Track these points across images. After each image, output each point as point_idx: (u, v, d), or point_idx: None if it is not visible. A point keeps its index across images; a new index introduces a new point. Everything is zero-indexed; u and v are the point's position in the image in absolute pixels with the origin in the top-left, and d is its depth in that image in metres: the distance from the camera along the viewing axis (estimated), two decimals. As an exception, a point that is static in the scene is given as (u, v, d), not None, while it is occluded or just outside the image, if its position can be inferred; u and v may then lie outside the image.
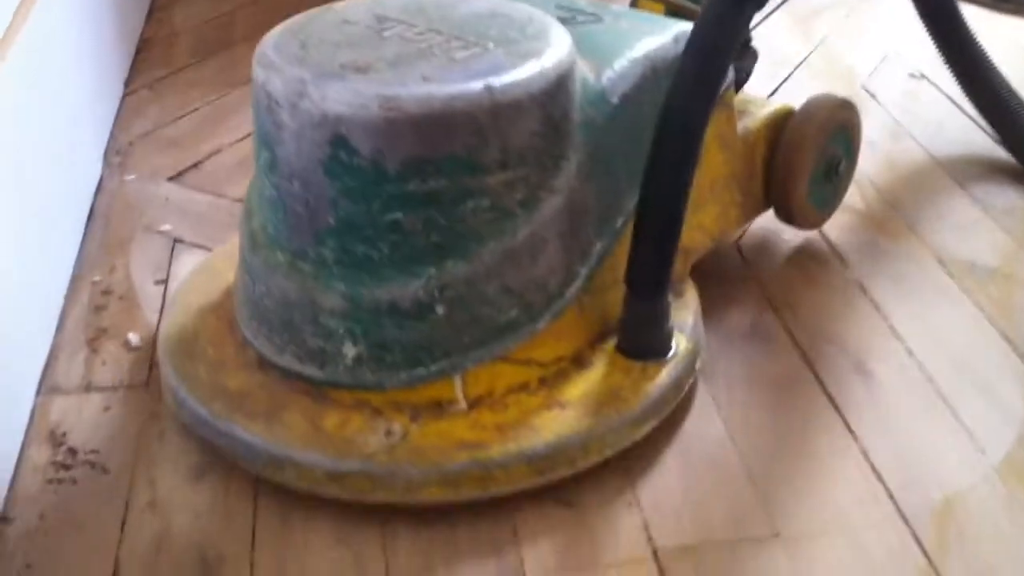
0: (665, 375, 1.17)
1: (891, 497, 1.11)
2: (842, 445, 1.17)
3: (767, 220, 1.53)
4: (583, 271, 1.16)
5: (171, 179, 1.64)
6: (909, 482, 1.12)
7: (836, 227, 1.52)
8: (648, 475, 1.14)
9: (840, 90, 1.52)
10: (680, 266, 1.27)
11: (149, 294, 1.41)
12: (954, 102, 1.82)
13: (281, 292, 1.13)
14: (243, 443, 1.10)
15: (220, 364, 1.19)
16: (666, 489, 1.12)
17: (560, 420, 1.11)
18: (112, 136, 1.75)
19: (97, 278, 1.43)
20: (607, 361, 1.18)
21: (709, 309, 1.36)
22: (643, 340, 1.19)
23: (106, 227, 1.54)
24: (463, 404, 1.12)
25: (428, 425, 1.10)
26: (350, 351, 1.09)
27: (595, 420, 1.12)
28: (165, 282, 1.43)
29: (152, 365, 1.29)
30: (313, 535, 1.07)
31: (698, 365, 1.23)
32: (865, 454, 1.16)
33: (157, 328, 1.34)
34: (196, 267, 1.38)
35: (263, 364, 1.17)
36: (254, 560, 1.05)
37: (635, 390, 1.15)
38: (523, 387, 1.14)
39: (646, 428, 1.15)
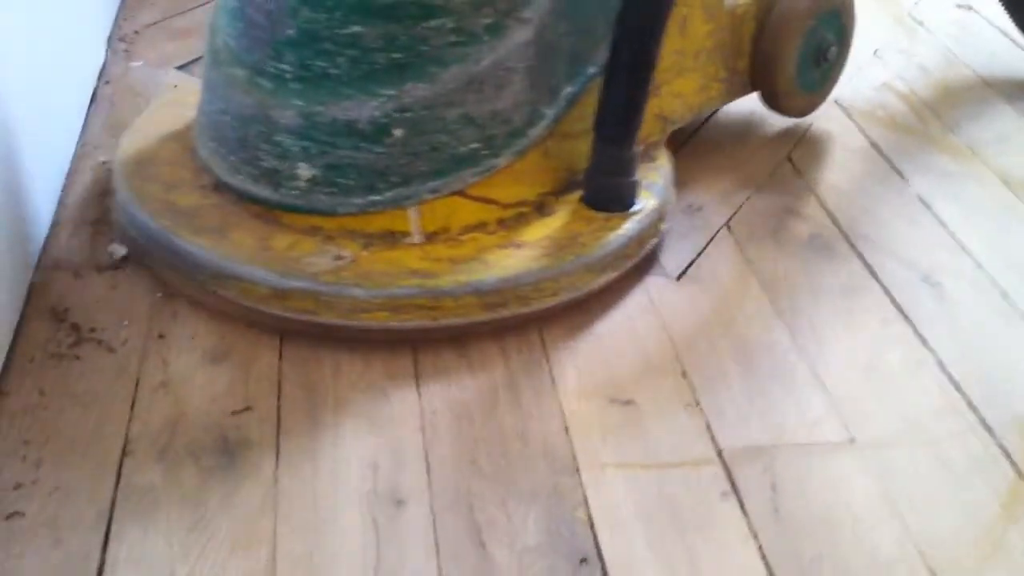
0: (627, 226, 1.13)
1: (972, 408, 1.02)
2: (916, 356, 1.08)
3: (818, 132, 1.45)
4: (550, 113, 1.12)
5: (180, 68, 1.53)
6: (991, 394, 1.04)
7: (894, 147, 1.43)
8: (709, 379, 1.04)
9: (887, 16, 1.44)
10: (656, 132, 1.25)
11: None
12: (1004, 32, 1.74)
13: (238, 109, 1.08)
14: (188, 256, 1.06)
15: (174, 184, 1.15)
16: (728, 393, 1.03)
17: (515, 258, 1.08)
18: (117, 24, 1.64)
19: (103, 159, 1.32)
20: (570, 211, 1.15)
21: (764, 218, 1.28)
22: (608, 190, 1.15)
23: (111, 111, 1.43)
24: (417, 236, 1.07)
25: (379, 253, 1.07)
26: (304, 172, 1.06)
27: (550, 261, 1.08)
28: (176, 165, 1.32)
29: (163, 246, 1.18)
30: (343, 419, 0.98)
31: (663, 227, 1.19)
32: (941, 365, 1.07)
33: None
34: (163, 98, 1.32)
35: (218, 187, 1.14)
36: (280, 445, 0.95)
37: (595, 237, 1.11)
38: (481, 226, 1.11)
39: (603, 278, 1.11)
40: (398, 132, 1.04)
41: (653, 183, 1.19)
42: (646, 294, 1.15)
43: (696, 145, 1.41)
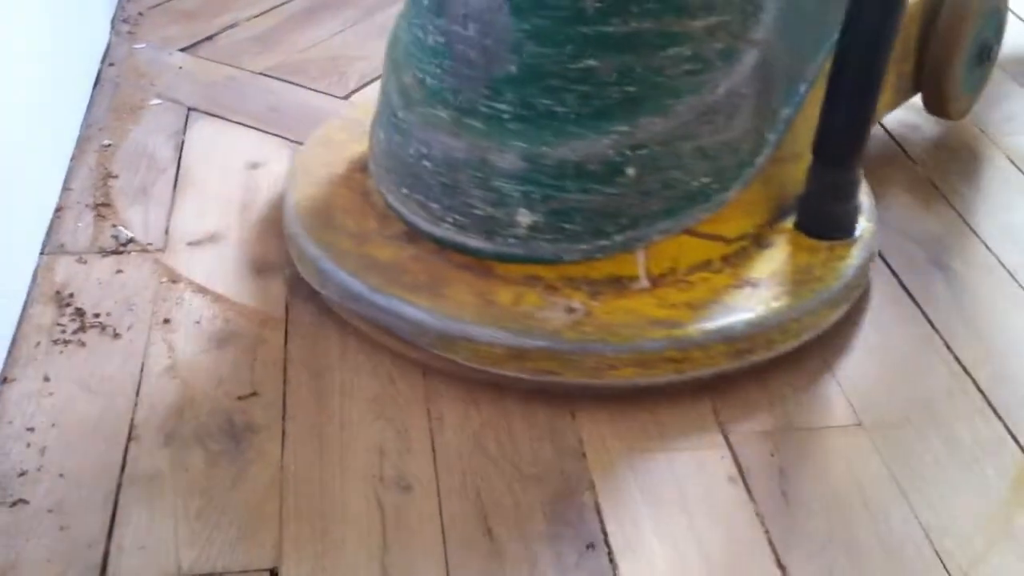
0: (856, 254, 1.06)
1: (980, 391, 1.02)
2: (924, 337, 1.08)
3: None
4: (772, 138, 1.04)
5: (184, 50, 1.53)
6: (999, 376, 1.03)
7: (902, 126, 1.42)
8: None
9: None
10: None
11: (162, 160, 1.29)
12: (1012, 12, 1.72)
13: (444, 152, 0.98)
14: (409, 319, 0.97)
15: (365, 236, 1.06)
16: (735, 377, 1.02)
17: (754, 299, 1.00)
18: (120, 6, 1.63)
19: (107, 142, 1.32)
20: (789, 240, 1.07)
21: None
22: (830, 216, 1.07)
23: (115, 93, 1.42)
24: (645, 281, 1.00)
25: (610, 302, 0.99)
26: (525, 219, 0.96)
27: (792, 300, 1.00)
28: (180, 148, 1.31)
29: (167, 230, 1.18)
30: (350, 404, 0.97)
31: (878, 247, 1.12)
32: (949, 347, 1.07)
33: (173, 191, 1.23)
34: (312, 138, 1.22)
35: (413, 237, 1.04)
36: (286, 430, 0.95)
37: (828, 269, 1.04)
38: (706, 265, 1.03)
39: (841, 310, 1.05)
40: (631, 171, 0.96)
41: (862, 203, 1.11)
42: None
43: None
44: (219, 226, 1.19)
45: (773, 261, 1.05)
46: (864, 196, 1.13)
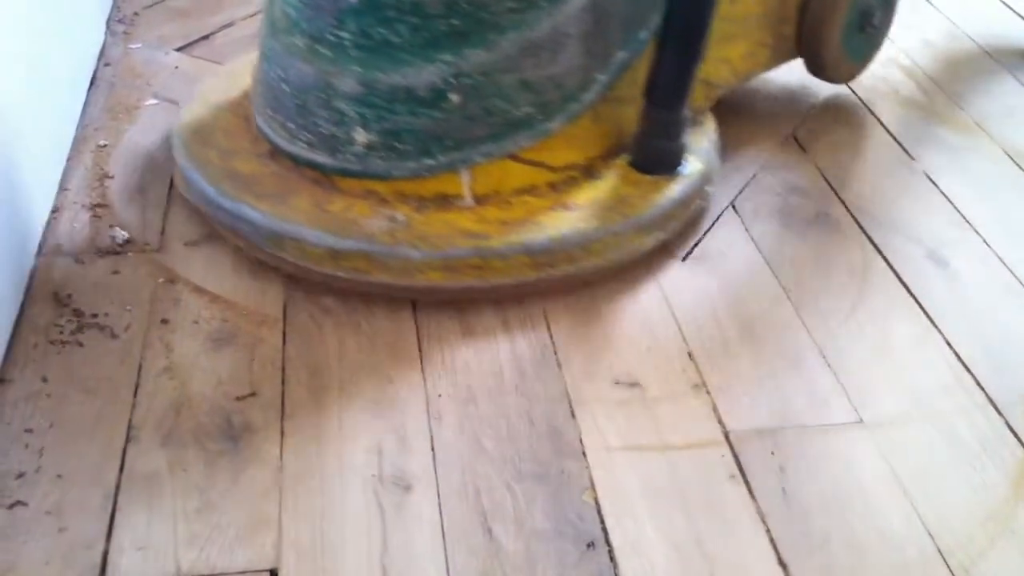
0: (675, 188, 1.16)
1: (980, 386, 1.02)
2: (923, 334, 1.08)
3: (823, 109, 1.43)
4: (602, 78, 1.14)
5: (179, 49, 1.52)
6: (998, 372, 1.03)
7: (900, 123, 1.42)
8: (715, 360, 1.04)
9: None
10: (702, 98, 1.26)
11: (158, 159, 1.29)
12: (1008, 5, 1.73)
13: (298, 77, 1.10)
14: (248, 221, 1.09)
15: (233, 152, 1.17)
16: (735, 374, 1.02)
17: (565, 219, 1.10)
18: (116, 6, 1.62)
19: (103, 142, 1.31)
20: (618, 174, 1.18)
21: (770, 197, 1.27)
22: (656, 153, 1.18)
23: (111, 93, 1.41)
24: (470, 200, 1.11)
25: (432, 215, 1.10)
26: (361, 137, 1.08)
27: (600, 222, 1.11)
28: (177, 148, 1.31)
29: (164, 230, 1.17)
30: (348, 403, 0.97)
31: (710, 188, 1.21)
32: (948, 343, 1.06)
33: (169, 191, 1.23)
34: (217, 71, 1.34)
35: (275, 155, 1.16)
36: (284, 430, 0.94)
37: (643, 199, 1.14)
38: (531, 189, 1.14)
39: (651, 238, 1.14)
40: (455, 97, 1.05)
41: (699, 147, 1.21)
42: (652, 275, 1.14)
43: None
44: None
45: (596, 190, 1.14)
46: (704, 139, 1.22)
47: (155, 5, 1.64)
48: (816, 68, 1.40)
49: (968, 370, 1.03)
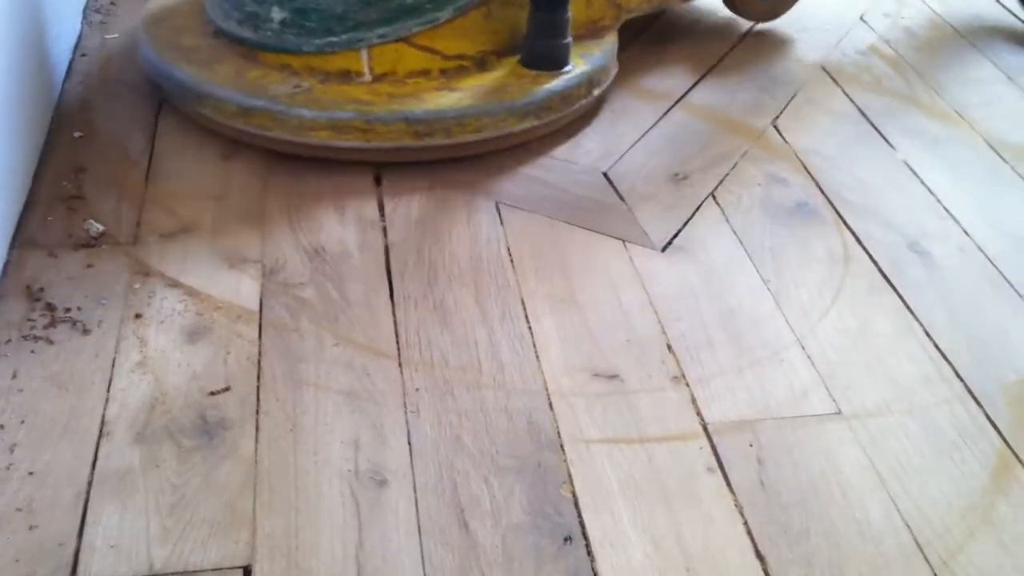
0: (554, 82, 1.29)
1: (959, 377, 1.01)
2: (903, 324, 1.07)
3: (804, 97, 1.43)
4: None
5: (157, 40, 1.50)
6: (978, 362, 1.03)
7: (881, 112, 1.41)
8: (695, 352, 1.03)
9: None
10: (609, 17, 1.41)
11: (135, 152, 1.27)
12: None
13: None
14: (178, 81, 1.29)
15: (182, 30, 1.37)
16: (714, 366, 1.02)
17: (447, 97, 1.26)
18: (91, -5, 1.61)
19: (78, 133, 1.30)
20: (507, 69, 1.32)
21: (750, 187, 1.27)
22: (540, 50, 1.31)
23: (86, 84, 1.40)
24: (368, 76, 1.27)
25: (332, 87, 1.26)
26: (277, 15, 1.26)
27: (475, 101, 1.25)
28: (152, 139, 1.30)
29: (139, 223, 1.16)
30: (324, 397, 0.96)
31: (596, 91, 1.34)
32: (928, 333, 1.06)
33: (145, 183, 1.21)
34: None
35: (217, 34, 1.34)
36: (260, 424, 0.94)
37: (521, 88, 1.28)
38: (424, 73, 1.29)
39: (524, 123, 1.27)
40: None
41: (590, 53, 1.35)
42: (631, 265, 1.13)
43: (685, 109, 1.39)
44: (192, 218, 1.17)
45: (483, 79, 1.30)
46: (598, 49, 1.36)
47: (132, -5, 1.62)
48: (732, 4, 1.54)
49: (948, 361, 1.03)
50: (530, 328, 1.05)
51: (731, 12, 1.55)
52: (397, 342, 1.03)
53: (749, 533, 0.86)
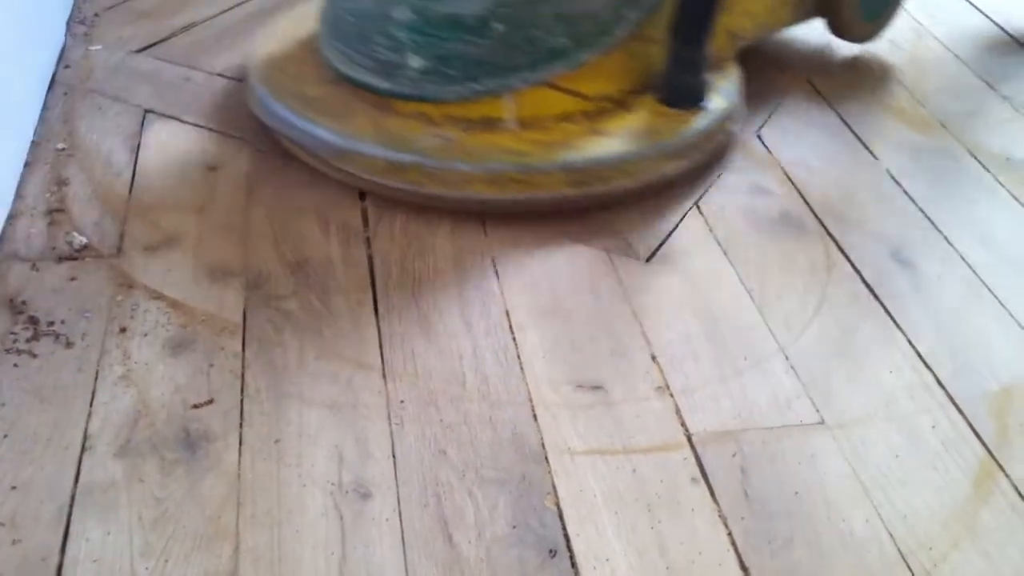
0: (699, 120, 1.26)
1: (942, 385, 1.02)
2: (886, 334, 1.08)
3: (788, 107, 1.43)
4: (632, 16, 1.25)
5: (140, 51, 1.50)
6: (961, 371, 1.03)
7: (864, 122, 1.42)
8: (679, 362, 1.03)
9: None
10: (727, 48, 1.38)
11: (118, 164, 1.27)
12: (972, 5, 1.73)
13: (358, 6, 1.25)
14: (317, 138, 1.21)
15: (301, 78, 1.30)
16: (698, 376, 1.02)
17: (599, 143, 1.21)
18: (76, 7, 1.60)
19: (61, 145, 1.30)
20: (647, 107, 1.27)
21: (734, 196, 1.27)
22: (680, 87, 1.28)
23: (70, 96, 1.40)
24: (512, 123, 1.22)
25: (478, 136, 1.21)
26: (415, 63, 1.20)
27: (630, 146, 1.21)
28: (136, 151, 1.29)
29: (123, 235, 1.16)
30: (308, 410, 0.96)
31: (733, 127, 1.32)
32: (911, 343, 1.07)
33: (129, 195, 1.21)
34: (284, 16, 1.45)
35: (338, 80, 1.28)
36: (243, 437, 0.93)
37: (670, 129, 1.24)
38: (568, 117, 1.24)
39: (675, 164, 1.24)
40: (499, 26, 1.18)
41: (723, 88, 1.32)
42: (615, 276, 1.14)
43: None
44: (176, 230, 1.17)
45: (627, 120, 1.26)
46: (728, 82, 1.33)
47: (117, 6, 1.62)
48: (834, 28, 1.51)
49: (931, 370, 1.03)
50: (514, 339, 1.05)
51: (834, 36, 1.53)
52: (381, 354, 1.03)
53: (733, 543, 0.86)
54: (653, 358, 1.04)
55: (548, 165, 1.17)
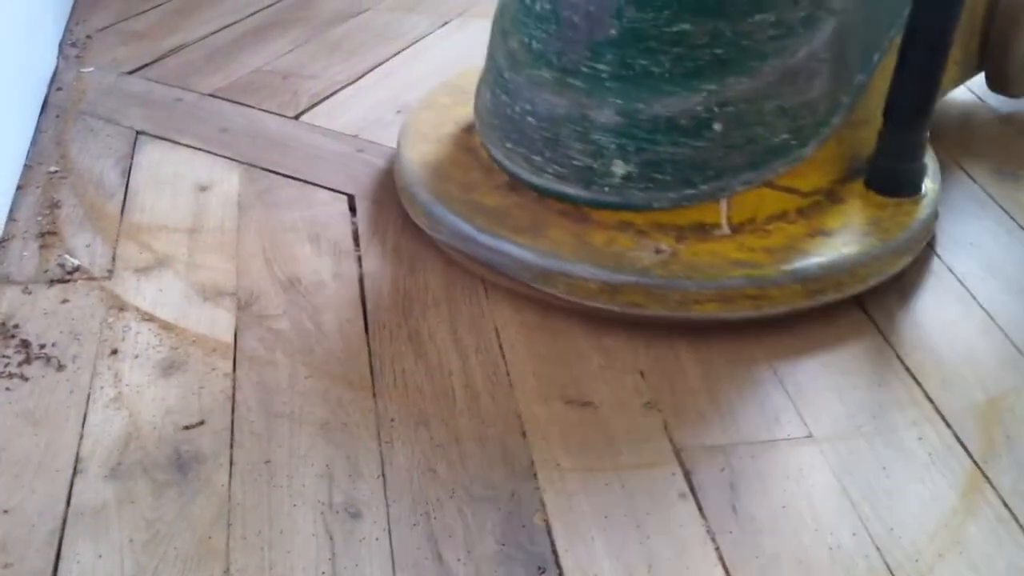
0: (921, 210, 1.17)
1: (929, 398, 1.02)
2: (873, 347, 1.08)
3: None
4: (847, 101, 1.15)
5: (132, 72, 1.52)
6: (948, 384, 1.04)
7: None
8: (667, 378, 1.04)
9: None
10: None
11: (110, 185, 1.28)
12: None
13: (547, 109, 1.11)
14: (513, 257, 1.09)
15: (471, 185, 1.18)
16: (687, 392, 1.02)
17: (826, 245, 1.11)
18: (68, 29, 1.61)
19: (53, 168, 1.31)
20: (859, 197, 1.19)
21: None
22: (897, 174, 1.18)
23: (62, 118, 1.41)
24: (727, 228, 1.11)
25: (694, 245, 1.10)
26: (620, 169, 1.09)
27: (861, 247, 1.11)
28: (128, 174, 1.30)
29: (115, 257, 1.17)
30: (299, 430, 0.96)
31: (939, 207, 1.21)
32: (898, 356, 1.07)
33: (121, 217, 1.22)
34: (418, 103, 1.36)
35: (515, 187, 1.16)
36: (234, 458, 0.94)
37: (894, 222, 1.15)
38: (783, 216, 1.15)
39: (905, 260, 1.15)
40: (718, 126, 1.07)
41: (927, 166, 1.21)
42: (604, 292, 1.14)
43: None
44: (167, 251, 1.18)
45: (844, 215, 1.15)
46: (929, 160, 1.21)
47: (109, 27, 1.64)
48: (999, 83, 1.43)
49: (919, 383, 1.04)
50: (504, 356, 1.06)
51: (997, 93, 1.47)
52: (371, 373, 1.03)
53: (721, 559, 0.87)
54: (641, 373, 1.04)
55: (783, 277, 1.07)
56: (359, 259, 1.18)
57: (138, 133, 1.38)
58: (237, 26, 1.64)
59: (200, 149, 1.35)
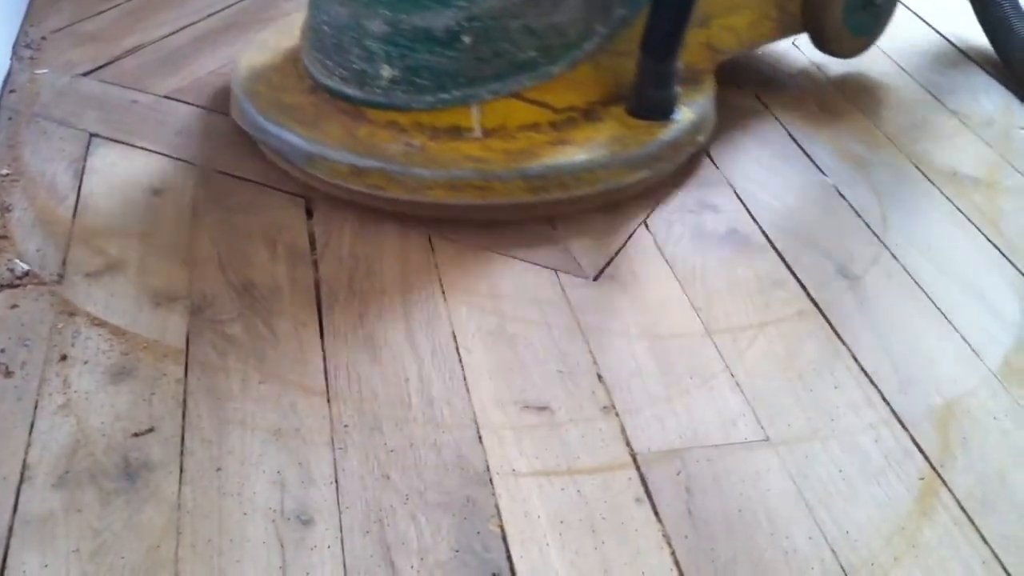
0: (665, 132, 1.27)
1: (885, 401, 1.02)
2: (830, 349, 1.08)
3: (735, 123, 1.44)
4: (603, 30, 1.27)
5: (87, 74, 1.49)
6: (905, 387, 1.04)
7: (811, 137, 1.42)
8: (625, 381, 1.03)
9: None
10: (705, 60, 1.40)
11: (62, 189, 1.26)
12: (923, 19, 1.75)
13: (335, 18, 1.25)
14: (289, 143, 1.25)
15: (281, 87, 1.34)
16: (644, 395, 1.02)
17: (561, 151, 1.23)
18: (22, 31, 1.59)
19: (5, 171, 1.28)
20: (615, 118, 1.29)
21: (682, 214, 1.28)
22: (649, 100, 1.30)
23: (15, 120, 1.38)
24: (478, 132, 1.24)
25: (445, 144, 1.23)
26: (387, 73, 1.23)
27: (592, 155, 1.23)
28: (81, 176, 1.28)
29: (65, 261, 1.15)
30: (251, 436, 0.95)
31: (701, 138, 1.32)
32: (855, 358, 1.07)
33: (73, 221, 1.20)
34: (272, 27, 1.49)
35: (315, 89, 1.31)
36: (184, 466, 0.92)
37: (634, 140, 1.26)
38: (534, 127, 1.26)
39: (637, 175, 1.25)
40: (467, 39, 1.20)
41: (694, 101, 1.33)
42: (563, 295, 1.13)
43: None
44: (119, 255, 1.16)
45: (596, 131, 1.27)
46: (700, 95, 1.34)
47: (64, 29, 1.61)
48: (820, 43, 1.52)
49: (875, 386, 1.04)
50: (461, 361, 1.05)
51: (820, 52, 1.54)
52: (326, 378, 1.02)
53: (676, 563, 0.86)
54: (599, 378, 1.04)
55: (507, 172, 1.19)
56: (315, 263, 1.17)
57: (92, 136, 1.36)
58: (194, 28, 1.62)
59: (155, 152, 1.34)
